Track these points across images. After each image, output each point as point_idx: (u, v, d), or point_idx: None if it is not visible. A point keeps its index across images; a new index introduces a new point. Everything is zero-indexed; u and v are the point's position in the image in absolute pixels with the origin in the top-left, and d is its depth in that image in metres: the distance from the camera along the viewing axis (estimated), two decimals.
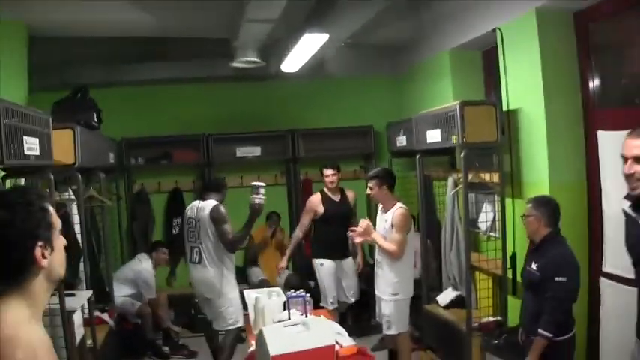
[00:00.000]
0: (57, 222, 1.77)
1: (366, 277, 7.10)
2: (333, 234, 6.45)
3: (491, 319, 5.22)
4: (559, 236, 4.07)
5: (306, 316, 4.25)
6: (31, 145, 3.69)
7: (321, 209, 6.50)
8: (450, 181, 5.95)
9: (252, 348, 4.24)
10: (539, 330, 3.85)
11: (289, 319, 4.20)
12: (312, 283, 7.82)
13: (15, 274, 1.65)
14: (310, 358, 3.48)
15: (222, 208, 5.68)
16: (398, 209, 5.38)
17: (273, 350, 3.37)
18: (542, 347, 3.86)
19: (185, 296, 7.33)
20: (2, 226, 1.62)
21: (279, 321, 4.27)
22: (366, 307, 7.30)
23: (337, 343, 3.88)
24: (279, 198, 8.25)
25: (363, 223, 5.41)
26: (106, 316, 5.93)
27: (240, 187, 7.87)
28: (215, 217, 5.62)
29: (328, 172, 6.52)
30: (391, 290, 5.41)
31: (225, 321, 5.69)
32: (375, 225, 5.56)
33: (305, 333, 3.62)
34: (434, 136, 5.42)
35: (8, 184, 4.29)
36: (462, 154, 4.98)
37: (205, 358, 6.48)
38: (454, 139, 5.01)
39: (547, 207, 4.07)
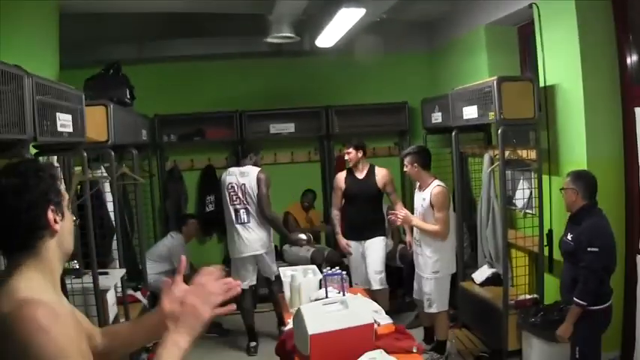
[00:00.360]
0: (65, 193, 1.81)
1: (401, 255, 7.11)
2: (355, 213, 6.25)
3: (528, 296, 5.18)
4: (595, 208, 4.14)
5: (343, 295, 4.17)
6: (64, 122, 3.63)
7: (343, 187, 6.30)
8: (487, 157, 5.84)
9: (289, 327, 4.19)
10: (574, 298, 3.98)
11: (326, 297, 4.14)
12: (345, 260, 7.79)
13: (30, 239, 1.69)
14: (349, 337, 3.43)
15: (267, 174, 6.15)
16: (436, 187, 5.31)
17: (311, 329, 3.31)
18: (576, 315, 4.01)
19: None
20: (16, 192, 1.66)
21: (317, 299, 4.23)
22: (398, 284, 7.23)
23: (375, 321, 3.81)
24: (313, 175, 8.21)
25: (401, 211, 5.35)
26: (139, 295, 5.90)
27: (273, 163, 7.94)
28: (262, 178, 6.05)
29: (345, 149, 6.29)
30: (432, 268, 5.36)
31: (274, 270, 6.22)
32: (412, 204, 5.45)
33: (343, 312, 3.52)
34: (470, 112, 5.32)
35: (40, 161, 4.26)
36: (499, 131, 4.88)
37: (238, 337, 6.45)
38: (491, 116, 4.93)
39: (584, 180, 4.15)
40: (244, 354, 6.19)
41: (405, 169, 5.52)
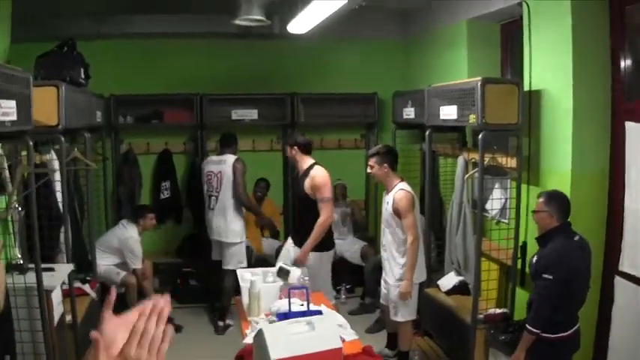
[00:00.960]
0: None
1: (363, 254, 7.12)
2: (294, 214, 6.26)
3: (498, 311, 4.91)
4: (567, 230, 3.93)
5: (308, 308, 3.90)
6: (7, 110, 3.25)
7: None
8: (461, 160, 5.60)
9: (247, 339, 3.93)
10: (526, 325, 3.87)
11: (290, 310, 3.88)
12: None
13: None
14: None
15: (243, 162, 6.36)
16: (398, 192, 5.05)
17: (274, 354, 3.05)
18: (528, 342, 3.89)
19: (171, 265, 7.04)
20: None
21: (278, 311, 4.02)
22: (360, 283, 7.22)
23: (340, 337, 3.56)
24: (274, 165, 7.93)
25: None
26: (87, 288, 5.55)
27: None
28: (238, 167, 6.28)
29: None
30: (400, 275, 5.10)
31: (234, 263, 6.25)
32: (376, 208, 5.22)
33: (310, 334, 3.28)
34: (449, 112, 5.03)
35: None
36: (480, 136, 4.60)
37: (191, 331, 6.18)
38: (472, 118, 4.64)
39: (558, 201, 3.98)
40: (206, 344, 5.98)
41: (369, 170, 5.21)
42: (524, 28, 4.97)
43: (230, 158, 6.35)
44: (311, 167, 5.33)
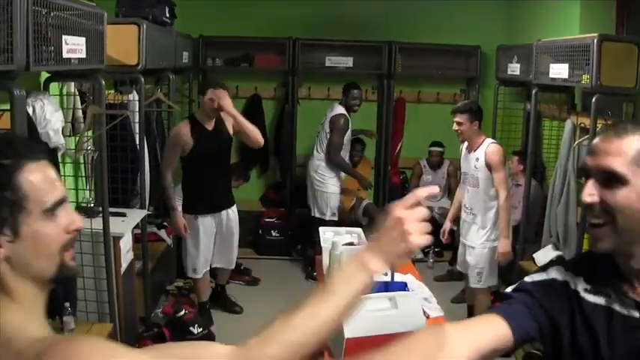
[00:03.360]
0: (34, 197, 1.22)
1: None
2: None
3: None
4: None
5: (392, 278, 3.58)
6: (74, 46, 3.03)
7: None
8: (569, 124, 5.06)
9: None
10: None
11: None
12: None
13: None
14: (391, 342, 2.85)
15: (343, 119, 6.12)
16: (490, 145, 4.69)
17: (349, 331, 2.74)
18: None
19: (252, 214, 6.82)
20: None
21: None
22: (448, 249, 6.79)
23: (424, 313, 3.28)
24: (368, 116, 7.50)
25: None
26: (163, 234, 5.47)
27: (326, 99, 7.31)
28: (335, 122, 6.13)
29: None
30: (486, 237, 4.77)
31: (322, 211, 6.26)
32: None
33: (391, 312, 2.95)
34: (559, 71, 4.52)
35: (54, 88, 3.72)
36: (593, 99, 4.11)
37: (268, 286, 5.98)
38: (585, 79, 4.13)
39: None
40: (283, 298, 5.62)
41: (457, 127, 4.78)
42: None
43: (335, 109, 6.18)
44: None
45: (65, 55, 2.92)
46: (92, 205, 4.20)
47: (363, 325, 2.79)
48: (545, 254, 5.18)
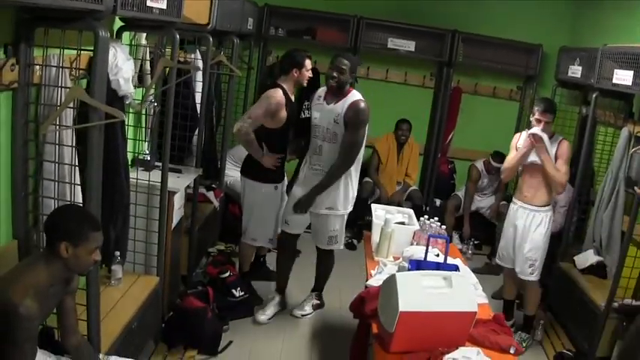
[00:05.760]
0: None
1: (497, 212, 6.73)
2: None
3: (634, 302, 4.42)
4: None
5: (445, 260, 3.55)
6: None
7: None
8: (625, 132, 4.99)
9: (371, 281, 3.70)
10: None
11: (425, 259, 3.55)
12: (437, 202, 7.22)
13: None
14: (444, 322, 2.89)
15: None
16: (563, 140, 4.65)
17: (403, 306, 2.76)
18: None
19: None
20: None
21: (411, 257, 3.70)
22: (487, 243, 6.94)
23: None
24: (423, 102, 7.49)
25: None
26: (211, 196, 5.48)
27: (384, 80, 7.36)
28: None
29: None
30: (545, 230, 4.71)
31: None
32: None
33: (445, 290, 2.94)
34: (623, 77, 4.44)
35: (126, 37, 3.73)
36: None
37: (308, 258, 5.97)
38: None
39: None
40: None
41: (540, 126, 4.58)
42: None
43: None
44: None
45: (148, 3, 2.93)
46: (148, 158, 4.23)
47: (417, 300, 2.79)
48: (585, 258, 5.18)
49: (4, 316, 2.10)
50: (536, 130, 4.51)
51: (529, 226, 4.72)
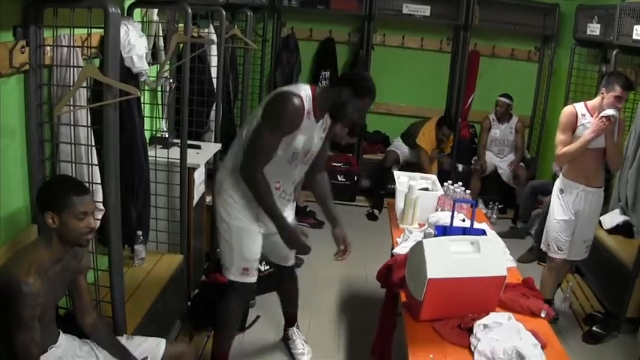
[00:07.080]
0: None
1: (515, 176, 6.86)
2: None
3: None
4: None
5: (471, 225, 3.49)
6: None
7: None
8: None
9: (398, 249, 3.63)
10: None
11: (451, 225, 3.44)
12: (459, 167, 7.15)
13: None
14: (474, 288, 2.82)
15: None
16: None
17: (432, 272, 2.69)
18: None
19: None
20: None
21: (437, 224, 3.62)
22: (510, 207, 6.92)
23: None
24: (441, 67, 7.41)
25: None
26: None
27: (400, 46, 7.31)
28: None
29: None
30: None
31: None
32: None
33: (473, 256, 2.85)
34: None
35: (137, 14, 3.68)
36: None
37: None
38: None
39: None
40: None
41: (619, 103, 4.01)
42: None
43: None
44: None
45: None
46: (166, 135, 4.19)
47: (446, 266, 2.73)
48: (611, 218, 5.13)
49: (9, 295, 2.11)
50: (612, 111, 3.94)
51: (595, 209, 4.40)
